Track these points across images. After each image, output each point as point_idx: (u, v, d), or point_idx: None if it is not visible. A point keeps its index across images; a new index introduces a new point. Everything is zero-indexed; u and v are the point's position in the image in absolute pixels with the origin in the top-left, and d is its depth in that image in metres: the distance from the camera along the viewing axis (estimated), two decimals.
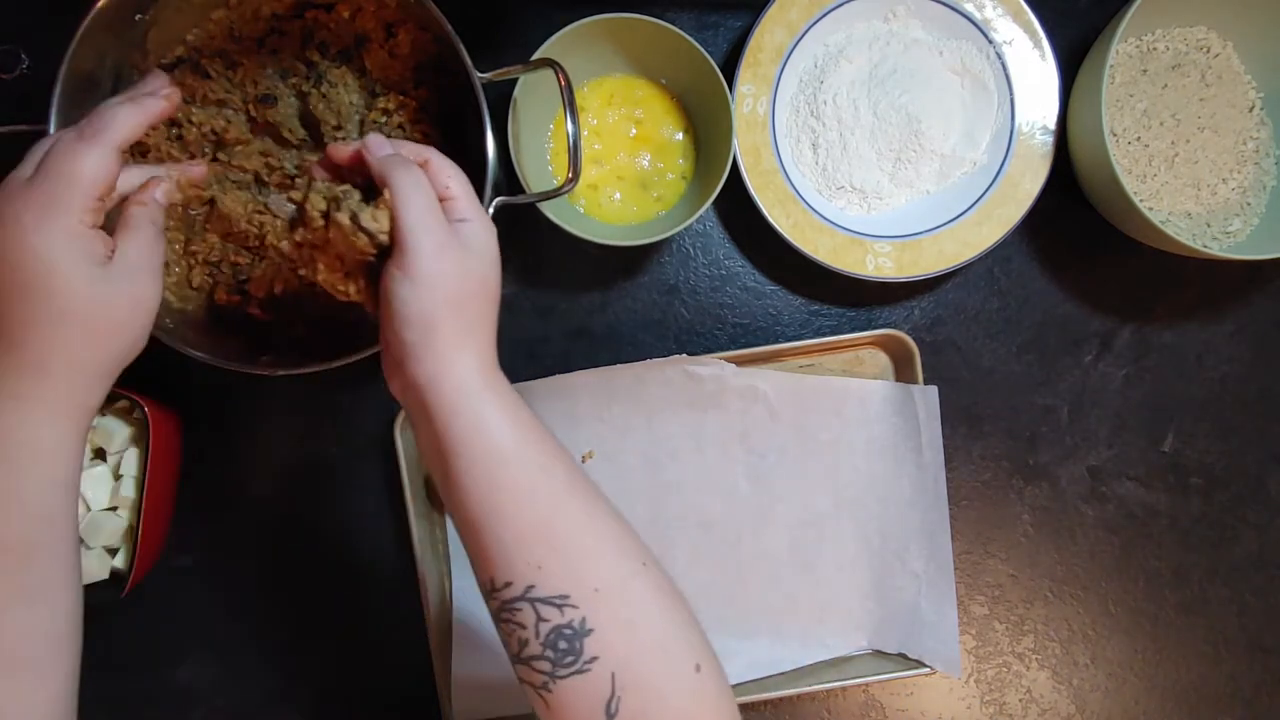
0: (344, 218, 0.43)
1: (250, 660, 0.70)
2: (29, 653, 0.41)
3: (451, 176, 0.45)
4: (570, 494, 0.43)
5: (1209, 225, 0.68)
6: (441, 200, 0.44)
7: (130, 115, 0.45)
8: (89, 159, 0.42)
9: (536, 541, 0.41)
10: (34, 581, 0.42)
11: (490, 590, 0.42)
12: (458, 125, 0.63)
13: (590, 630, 0.40)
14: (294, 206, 0.46)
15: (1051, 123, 0.67)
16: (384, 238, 0.43)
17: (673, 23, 0.61)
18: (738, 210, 0.68)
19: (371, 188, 0.45)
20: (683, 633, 0.42)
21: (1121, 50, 0.68)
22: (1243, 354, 0.71)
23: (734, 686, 0.67)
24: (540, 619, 0.40)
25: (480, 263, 0.44)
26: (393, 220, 0.42)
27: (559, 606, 0.40)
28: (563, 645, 0.40)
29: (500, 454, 0.42)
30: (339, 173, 0.48)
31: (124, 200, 0.48)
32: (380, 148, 0.45)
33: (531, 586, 0.40)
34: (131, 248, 0.45)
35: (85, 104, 0.57)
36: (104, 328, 0.43)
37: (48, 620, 0.42)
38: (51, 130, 0.54)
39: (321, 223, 0.44)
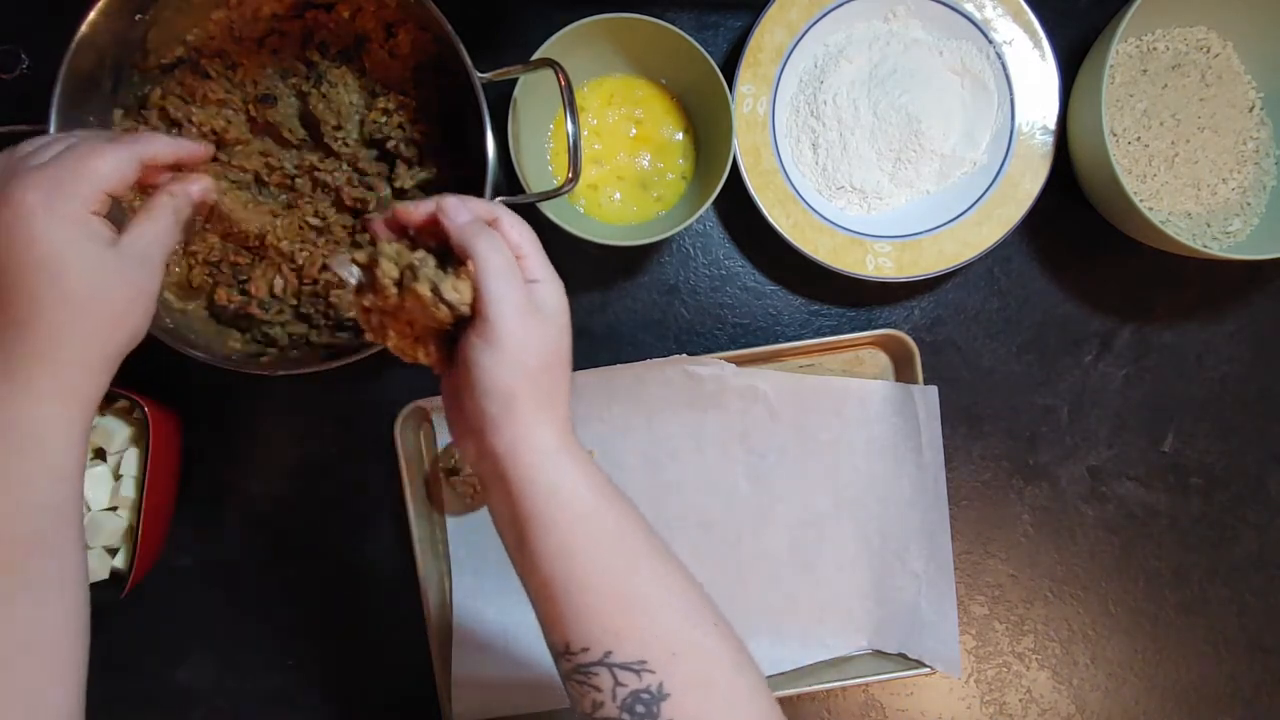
0: (424, 289, 0.41)
1: (250, 660, 0.70)
2: (36, 646, 0.41)
3: (523, 235, 0.44)
4: (646, 557, 0.43)
5: (1209, 225, 0.68)
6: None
7: (167, 142, 0.46)
8: (110, 157, 0.43)
9: (615, 607, 0.41)
10: (41, 574, 0.42)
11: (564, 653, 0.42)
12: (458, 125, 0.63)
13: (667, 695, 0.40)
14: (358, 270, 0.44)
15: (1051, 123, 0.67)
16: (465, 309, 0.41)
17: (673, 23, 0.61)
18: (738, 210, 0.68)
19: (445, 251, 0.44)
20: (753, 694, 0.42)
21: (1121, 50, 0.68)
22: (1243, 354, 0.71)
23: None
24: (618, 684, 0.40)
25: (556, 328, 0.43)
26: (475, 291, 0.41)
27: (637, 672, 0.40)
28: (639, 709, 0.40)
29: (578, 521, 0.42)
30: (402, 231, 0.46)
31: (151, 188, 0.48)
32: (458, 213, 0.43)
33: (609, 652, 0.40)
34: (147, 233, 0.45)
35: (85, 104, 0.57)
36: (107, 312, 0.43)
37: (55, 613, 0.42)
38: (52, 130, 0.54)
39: (395, 291, 0.42)
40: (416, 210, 0.44)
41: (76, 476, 0.43)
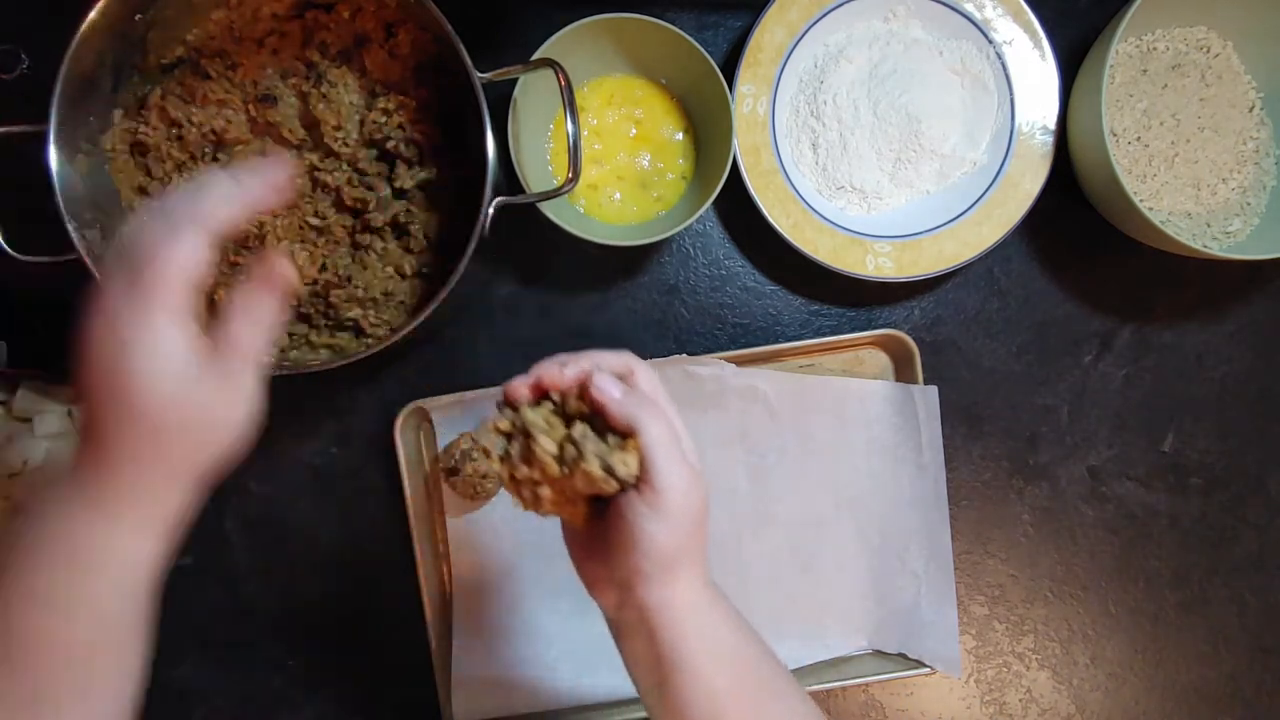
0: (596, 469, 0.40)
1: (250, 660, 0.70)
2: None
3: (655, 387, 0.45)
4: (777, 683, 0.46)
5: (1209, 225, 0.68)
6: None
7: (226, 200, 0.39)
8: (183, 246, 0.37)
9: None
10: (94, 680, 0.41)
11: None
12: (458, 125, 0.63)
13: None
14: (504, 439, 0.43)
15: (1051, 123, 0.67)
16: (634, 480, 0.41)
17: (673, 23, 0.61)
18: (738, 210, 0.68)
19: (592, 415, 0.43)
20: None
21: (1121, 50, 0.68)
22: (1243, 354, 0.71)
23: None
24: None
25: (704, 481, 0.43)
26: (641, 462, 0.41)
27: None
28: None
29: (723, 664, 0.43)
30: (542, 393, 0.44)
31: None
32: (612, 388, 0.42)
33: None
34: (237, 336, 0.40)
35: (85, 104, 0.57)
36: (200, 436, 0.40)
37: (103, 717, 0.42)
38: (51, 131, 0.54)
39: (557, 467, 0.41)
40: (564, 376, 0.43)
41: (148, 588, 0.42)
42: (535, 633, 0.68)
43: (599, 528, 0.44)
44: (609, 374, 0.43)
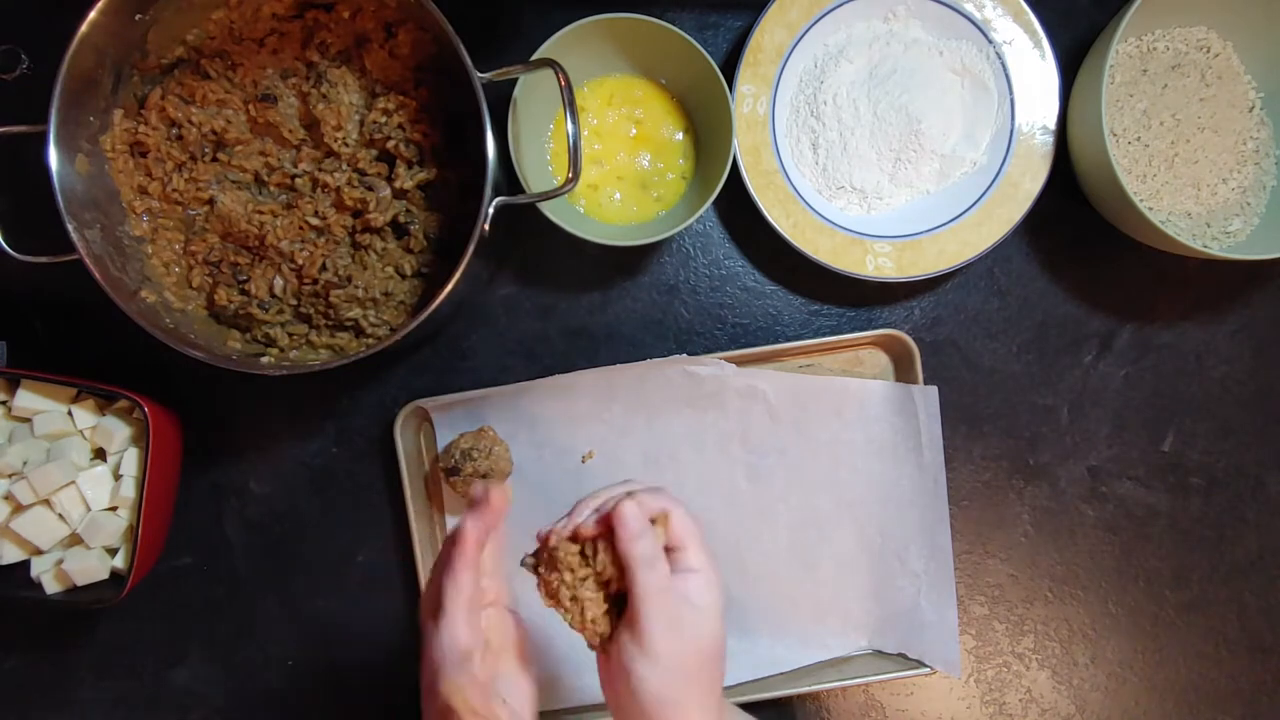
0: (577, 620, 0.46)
1: (250, 660, 0.70)
2: None
3: (687, 530, 0.46)
4: None
5: (1209, 225, 0.68)
6: (671, 549, 0.46)
7: (474, 549, 0.46)
8: (457, 624, 0.46)
9: None
10: None
11: None
12: (458, 125, 0.63)
13: None
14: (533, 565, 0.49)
15: (1051, 123, 0.67)
16: (597, 640, 0.46)
17: (673, 23, 0.61)
18: (738, 210, 0.68)
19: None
20: None
21: (1121, 50, 0.68)
22: (1243, 354, 0.71)
23: (734, 687, 0.67)
24: None
25: (709, 620, 0.45)
26: (635, 606, 0.43)
27: None
28: None
29: None
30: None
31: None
32: (634, 542, 0.44)
33: None
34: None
35: (85, 104, 0.57)
36: None
37: None
38: (51, 131, 0.55)
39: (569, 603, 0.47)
40: (589, 527, 0.46)
41: None
42: (535, 632, 0.67)
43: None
44: (640, 523, 0.44)
